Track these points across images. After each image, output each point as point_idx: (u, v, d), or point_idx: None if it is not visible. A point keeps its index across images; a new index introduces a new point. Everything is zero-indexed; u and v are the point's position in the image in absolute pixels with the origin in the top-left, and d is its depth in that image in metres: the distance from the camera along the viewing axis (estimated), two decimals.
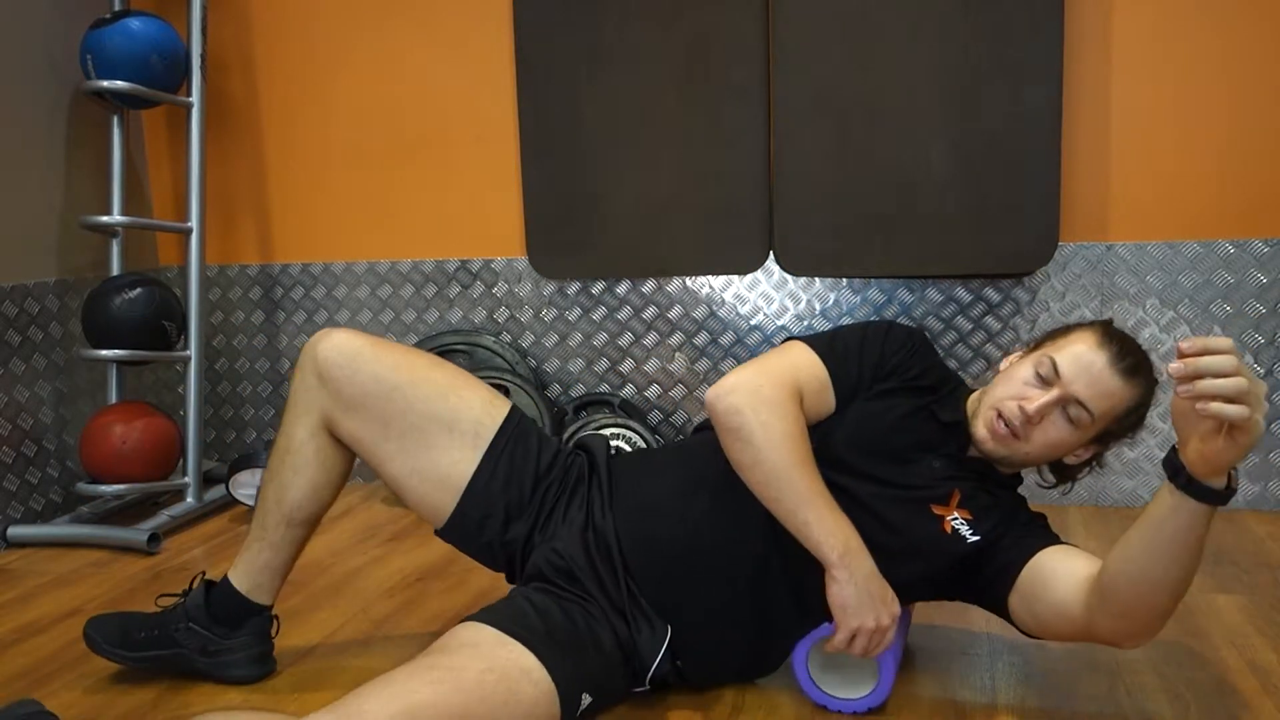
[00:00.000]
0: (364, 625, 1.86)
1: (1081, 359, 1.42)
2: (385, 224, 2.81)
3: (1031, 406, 1.42)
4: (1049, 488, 1.59)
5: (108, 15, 2.47)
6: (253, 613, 1.60)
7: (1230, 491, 1.18)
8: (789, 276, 2.58)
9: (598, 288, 2.70)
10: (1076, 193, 2.40)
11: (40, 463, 2.50)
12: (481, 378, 2.63)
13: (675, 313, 2.66)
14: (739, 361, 2.63)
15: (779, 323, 2.60)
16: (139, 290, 2.44)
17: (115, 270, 2.56)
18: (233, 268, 2.91)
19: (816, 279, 2.57)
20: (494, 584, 2.01)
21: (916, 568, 1.47)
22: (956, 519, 1.46)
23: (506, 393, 2.62)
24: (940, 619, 1.81)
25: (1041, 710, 1.49)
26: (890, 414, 1.49)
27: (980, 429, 1.47)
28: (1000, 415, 1.44)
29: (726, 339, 2.64)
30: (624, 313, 2.69)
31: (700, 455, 1.54)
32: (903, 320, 2.52)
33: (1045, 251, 2.38)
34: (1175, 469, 1.19)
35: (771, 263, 2.55)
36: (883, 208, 2.43)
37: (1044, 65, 2.32)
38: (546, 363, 2.76)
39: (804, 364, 1.49)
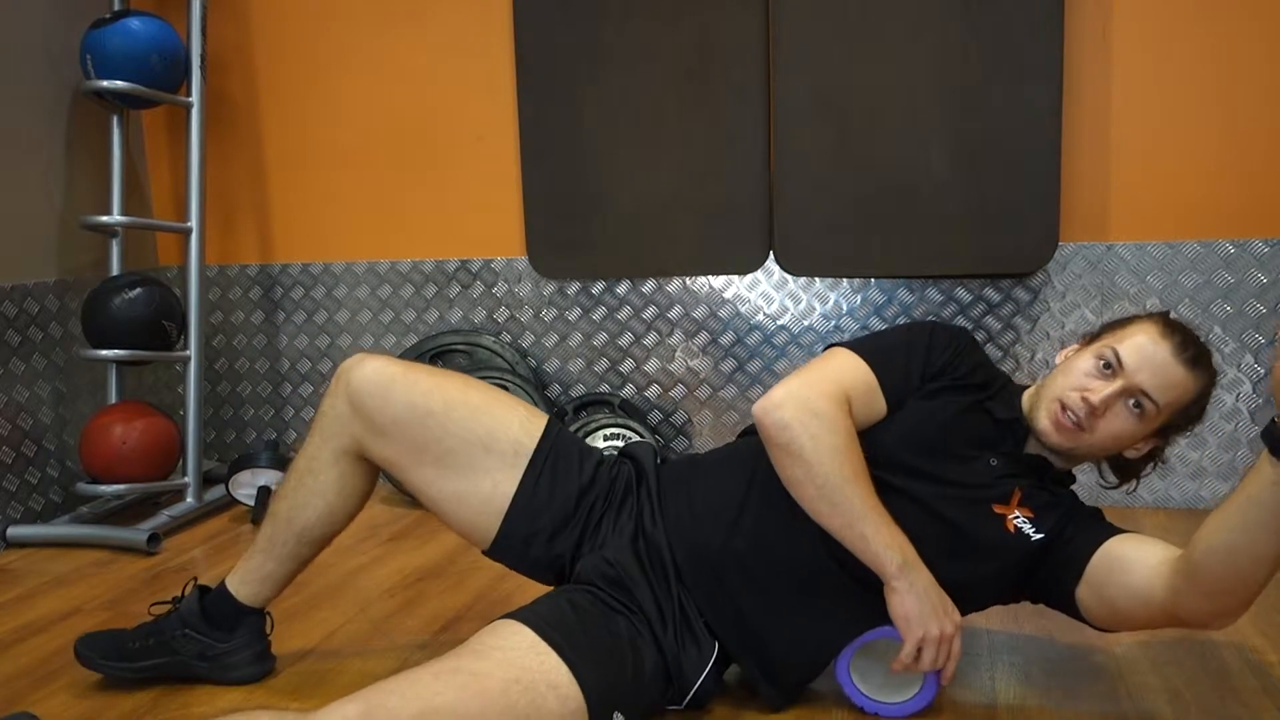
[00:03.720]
0: (364, 625, 1.86)
1: (1145, 349, 1.40)
2: (385, 224, 2.81)
3: (1096, 397, 1.40)
4: (1111, 487, 1.56)
5: (108, 15, 2.47)
6: (244, 614, 1.60)
7: None
8: (789, 276, 2.58)
9: (598, 288, 2.70)
10: (1076, 193, 2.40)
11: (40, 463, 2.50)
12: (481, 378, 2.65)
13: (675, 313, 2.66)
14: (739, 362, 2.63)
15: (779, 323, 2.60)
16: (139, 290, 2.44)
17: (115, 270, 2.56)
18: (233, 268, 2.91)
19: (816, 279, 2.57)
20: (493, 584, 2.01)
21: (980, 568, 1.44)
22: (1019, 517, 1.43)
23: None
24: None
25: (1041, 710, 1.49)
26: (944, 412, 1.46)
27: (1044, 420, 1.44)
28: (1065, 407, 1.41)
29: (726, 339, 2.64)
30: (624, 313, 2.69)
31: (748, 462, 1.51)
32: (902, 320, 2.52)
33: (1045, 251, 2.38)
34: (1276, 440, 1.17)
35: (771, 263, 2.55)
36: (883, 208, 2.43)
37: (1044, 65, 2.32)
38: (546, 363, 2.76)
39: (850, 370, 1.46)
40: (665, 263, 2.61)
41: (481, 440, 1.49)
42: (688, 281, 2.64)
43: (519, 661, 1.26)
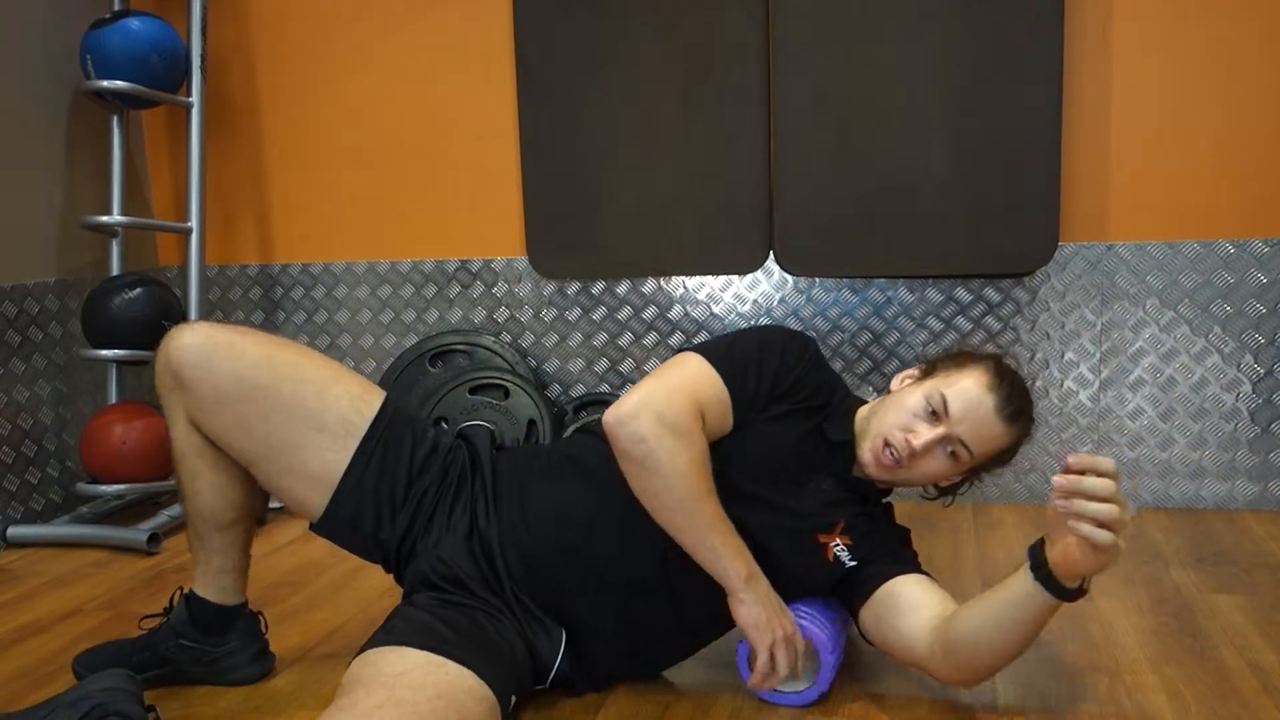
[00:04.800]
0: (364, 625, 1.86)
1: (970, 399, 1.45)
2: (385, 224, 2.81)
3: (918, 442, 1.45)
4: (930, 499, 1.62)
5: (107, 15, 2.47)
6: (235, 615, 1.59)
7: (1081, 592, 1.27)
8: (789, 276, 2.58)
9: (598, 288, 2.70)
10: (1076, 193, 2.40)
11: (40, 463, 2.50)
12: (481, 378, 2.65)
13: (675, 313, 2.66)
14: None
15: (779, 323, 2.60)
16: (139, 290, 2.44)
17: (115, 270, 2.56)
18: (233, 268, 2.91)
19: (816, 279, 2.57)
20: None
21: (794, 591, 1.52)
22: (838, 545, 1.51)
23: (506, 393, 2.63)
24: None
25: (1041, 710, 1.49)
26: (784, 438, 1.50)
27: (866, 454, 1.50)
28: (887, 444, 1.47)
29: None
30: (624, 313, 2.69)
31: (590, 464, 1.52)
32: (902, 321, 2.52)
33: (1045, 251, 2.38)
34: (1038, 563, 1.28)
35: (771, 263, 2.55)
36: (883, 208, 2.43)
37: (1044, 65, 2.32)
38: (546, 363, 2.76)
39: (704, 382, 1.45)
40: (665, 263, 2.61)
41: (313, 416, 1.45)
42: (688, 281, 2.64)
43: (428, 680, 1.26)
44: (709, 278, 2.63)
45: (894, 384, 1.57)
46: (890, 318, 2.53)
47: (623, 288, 2.68)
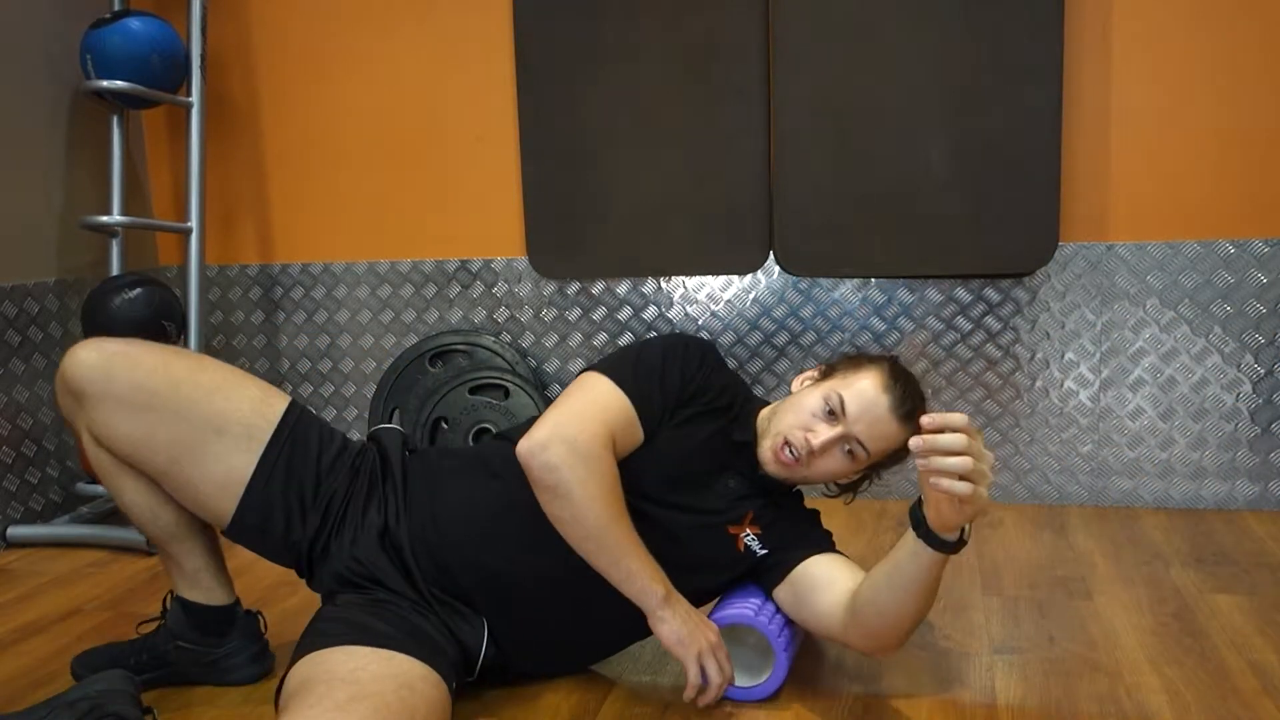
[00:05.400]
0: None
1: (866, 399, 1.50)
2: (385, 224, 2.81)
3: (816, 441, 1.50)
4: (831, 496, 1.67)
5: (108, 15, 2.47)
6: (231, 615, 1.59)
7: (961, 543, 1.33)
8: (789, 276, 2.58)
9: (598, 288, 2.70)
10: (1076, 193, 2.40)
11: (40, 463, 2.50)
12: (481, 378, 2.66)
13: (675, 313, 2.66)
14: (739, 362, 2.63)
15: (779, 323, 2.60)
16: (139, 290, 2.44)
17: (115, 270, 2.56)
18: (233, 268, 2.91)
19: (816, 279, 2.57)
20: None
21: (710, 579, 1.57)
22: (749, 535, 1.56)
23: (506, 393, 2.63)
24: (940, 619, 1.81)
25: (1041, 710, 1.49)
26: (691, 441, 1.54)
27: (766, 453, 1.54)
28: (786, 443, 1.51)
29: (726, 339, 2.64)
30: (624, 313, 2.69)
31: (498, 466, 1.54)
32: (902, 320, 2.52)
33: (1045, 251, 2.38)
34: (917, 521, 1.34)
35: (771, 263, 2.55)
36: (883, 208, 2.43)
37: (1044, 65, 2.32)
38: (546, 363, 2.76)
39: (611, 405, 1.49)
40: (665, 263, 2.61)
41: (212, 422, 1.45)
42: (688, 281, 2.64)
43: (387, 671, 1.27)
44: (709, 278, 2.63)
45: (794, 385, 1.63)
46: (890, 318, 2.53)
47: (623, 288, 2.68)
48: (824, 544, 1.59)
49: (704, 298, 2.64)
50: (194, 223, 2.57)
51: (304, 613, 1.90)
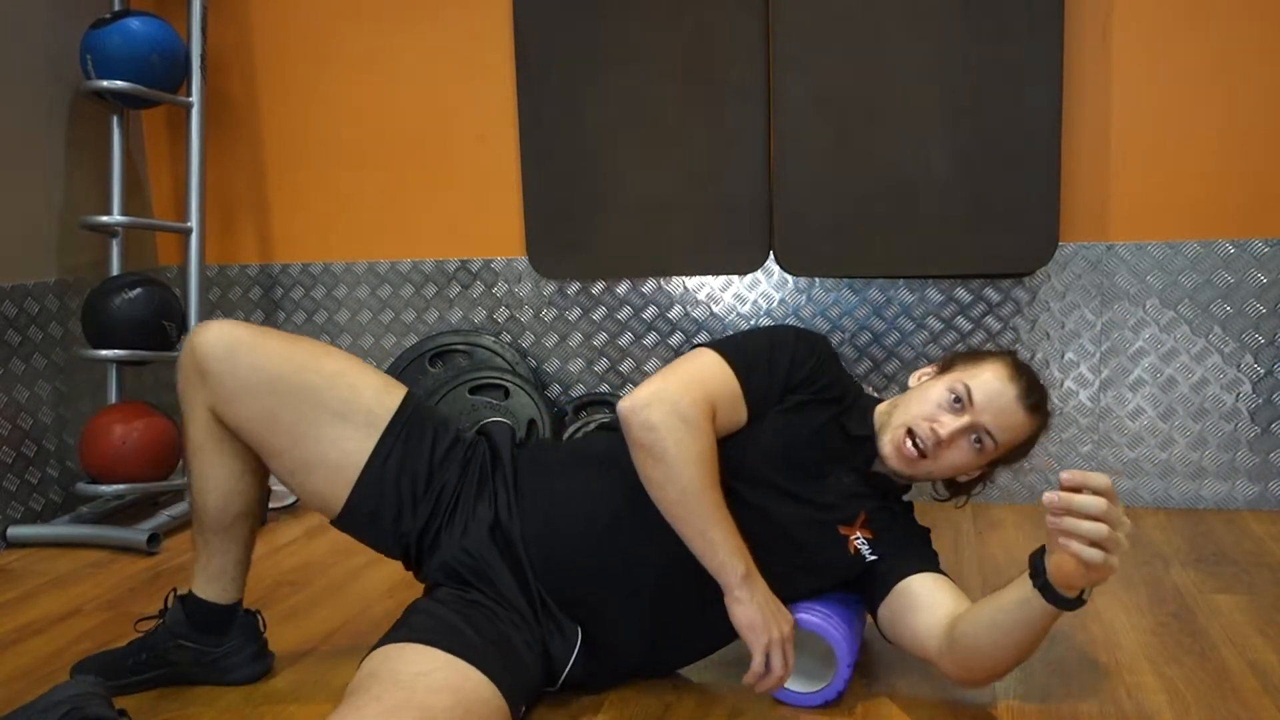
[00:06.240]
0: (364, 625, 1.86)
1: (993, 389, 1.47)
2: (385, 224, 2.81)
3: (944, 431, 1.46)
4: (942, 500, 1.64)
5: (108, 15, 2.47)
6: (232, 615, 1.59)
7: (1080, 602, 1.27)
8: (789, 276, 2.58)
9: (598, 288, 2.70)
10: (1076, 193, 2.40)
11: (40, 463, 2.50)
12: (481, 378, 2.65)
13: (675, 313, 2.66)
14: None
15: (779, 323, 2.60)
16: (139, 290, 2.44)
17: (115, 270, 2.56)
18: (233, 268, 2.91)
19: (816, 279, 2.57)
20: None
21: (816, 582, 1.54)
22: (860, 539, 1.51)
23: (506, 393, 2.63)
24: None
25: (1041, 710, 1.49)
26: (804, 427, 1.51)
27: (887, 446, 1.50)
28: (911, 435, 1.48)
29: None
30: (624, 313, 2.69)
31: (608, 462, 1.52)
32: (902, 320, 2.52)
33: (1045, 251, 2.38)
34: (1036, 570, 1.27)
35: (771, 263, 2.55)
36: (883, 208, 2.43)
37: (1044, 65, 2.32)
38: (546, 363, 2.76)
39: (717, 376, 1.48)
40: (665, 263, 2.61)
41: (333, 408, 1.46)
42: (688, 281, 2.64)
43: (447, 684, 1.26)
44: (709, 278, 2.63)
45: (911, 380, 1.59)
46: (890, 318, 2.53)
47: (623, 288, 2.68)
48: (933, 562, 1.54)
49: (704, 298, 2.64)
50: (194, 223, 2.57)
51: (304, 612, 1.91)
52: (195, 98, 2.56)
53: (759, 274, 2.59)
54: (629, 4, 2.50)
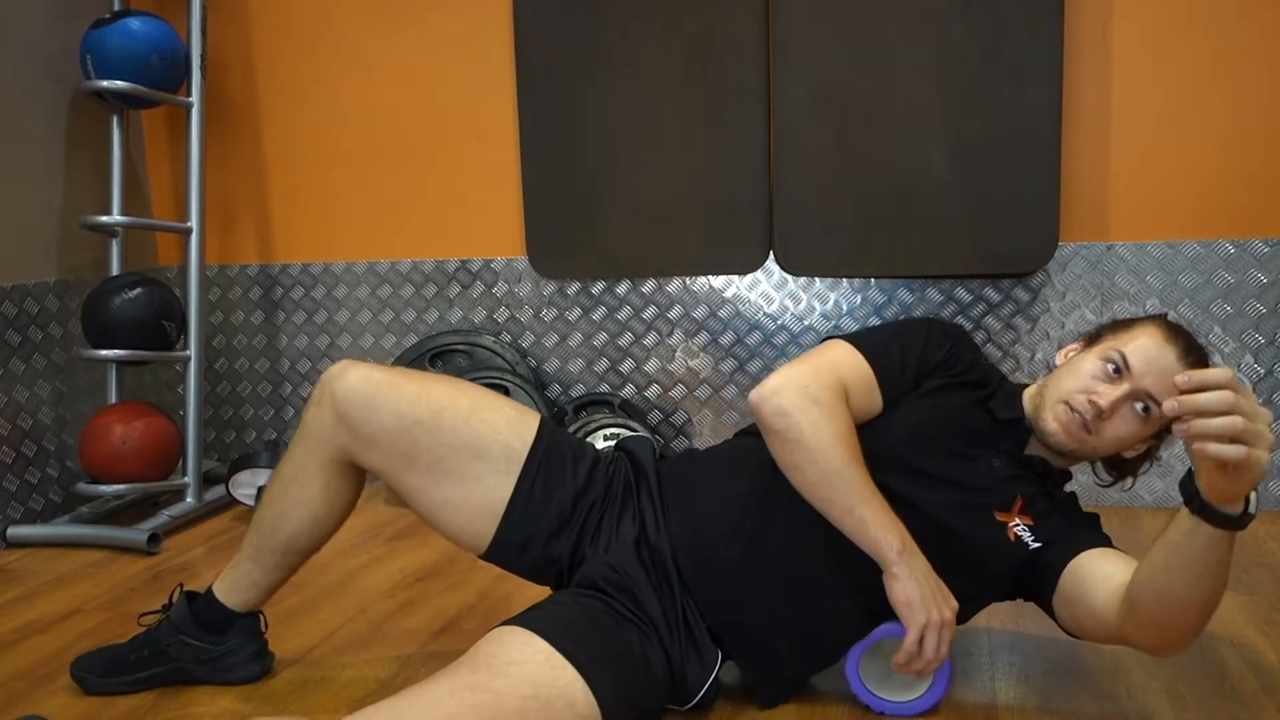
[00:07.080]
0: (364, 625, 1.86)
1: (1150, 353, 1.39)
2: (385, 224, 2.81)
3: (1105, 401, 1.39)
4: (1107, 485, 1.56)
5: (107, 15, 2.47)
6: (233, 615, 1.59)
7: (1248, 517, 1.17)
8: (789, 276, 2.58)
9: (598, 288, 2.70)
10: (1076, 193, 2.40)
11: (40, 463, 2.50)
12: (481, 378, 2.65)
13: (675, 313, 2.66)
14: (739, 362, 2.63)
15: (779, 323, 2.60)
16: (139, 290, 2.44)
17: (115, 270, 2.56)
18: (233, 268, 2.91)
19: (816, 279, 2.57)
20: (494, 584, 2.01)
21: (980, 576, 1.45)
22: (1020, 525, 1.43)
23: (506, 392, 2.63)
24: None
25: (1041, 710, 1.49)
26: (944, 409, 1.46)
27: (1051, 422, 1.43)
28: (1073, 409, 1.41)
29: (726, 339, 2.64)
30: (624, 313, 2.69)
31: (750, 466, 1.50)
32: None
33: (1045, 251, 2.38)
34: (1190, 494, 1.19)
35: (771, 263, 2.55)
36: (883, 208, 2.43)
37: (1044, 65, 2.32)
38: (546, 363, 2.76)
39: (848, 362, 1.45)
40: (665, 263, 2.61)
41: (471, 446, 1.46)
42: (688, 281, 2.64)
43: (535, 677, 1.23)
44: (709, 278, 2.63)
45: (1058, 358, 1.52)
46: (890, 318, 2.53)
47: (623, 288, 2.68)
48: (1098, 536, 1.45)
49: (704, 298, 2.64)
50: (194, 223, 2.57)
51: (304, 612, 1.91)
52: (195, 98, 2.56)
53: (759, 274, 2.59)
54: (629, 4, 2.50)
